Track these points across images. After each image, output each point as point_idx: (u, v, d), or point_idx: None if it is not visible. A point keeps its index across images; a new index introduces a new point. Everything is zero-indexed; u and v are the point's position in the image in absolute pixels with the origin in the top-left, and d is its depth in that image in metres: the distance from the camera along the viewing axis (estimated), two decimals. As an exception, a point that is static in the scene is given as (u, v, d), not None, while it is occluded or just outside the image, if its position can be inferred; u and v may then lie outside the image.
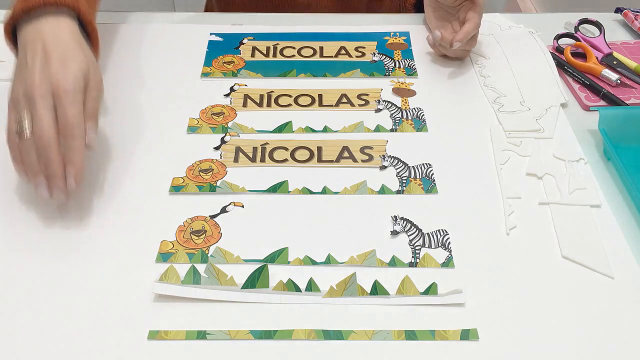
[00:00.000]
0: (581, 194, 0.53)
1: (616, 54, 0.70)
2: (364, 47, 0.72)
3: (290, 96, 0.64)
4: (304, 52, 0.71)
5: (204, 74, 0.67)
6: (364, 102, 0.64)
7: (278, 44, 0.73)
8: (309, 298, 0.45)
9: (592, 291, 0.46)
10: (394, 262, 0.47)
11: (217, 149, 0.57)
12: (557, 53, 0.72)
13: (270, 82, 0.66)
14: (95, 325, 0.43)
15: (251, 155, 0.57)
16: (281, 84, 0.66)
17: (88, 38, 0.56)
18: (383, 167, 0.56)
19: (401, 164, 0.56)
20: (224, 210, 0.51)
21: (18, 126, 0.47)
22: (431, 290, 0.45)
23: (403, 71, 0.69)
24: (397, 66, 0.69)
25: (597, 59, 0.69)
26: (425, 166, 0.56)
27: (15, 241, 0.48)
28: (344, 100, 0.64)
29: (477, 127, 0.61)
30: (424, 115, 0.62)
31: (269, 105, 0.63)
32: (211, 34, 0.74)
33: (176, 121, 0.60)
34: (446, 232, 0.50)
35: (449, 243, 0.49)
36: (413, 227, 0.50)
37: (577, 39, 0.73)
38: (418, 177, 0.55)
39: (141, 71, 0.67)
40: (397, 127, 0.61)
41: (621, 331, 0.43)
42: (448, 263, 0.47)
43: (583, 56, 0.70)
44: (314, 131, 0.60)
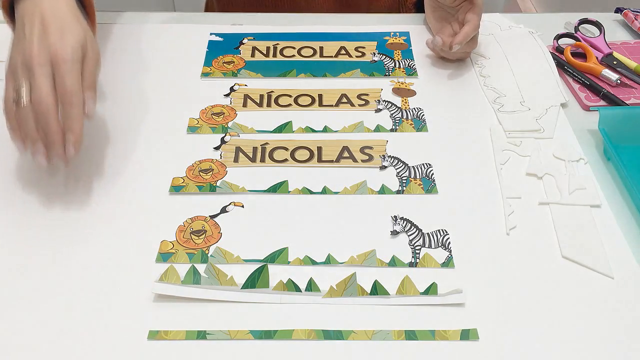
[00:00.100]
0: (581, 194, 0.53)
1: (616, 54, 0.70)
2: (364, 47, 0.72)
3: (290, 96, 0.64)
4: (304, 52, 0.71)
5: (204, 74, 0.67)
6: (364, 102, 0.64)
7: (278, 44, 0.73)
8: (309, 298, 0.45)
9: (592, 291, 0.46)
10: (394, 262, 0.47)
11: (217, 149, 0.57)
12: (557, 53, 0.72)
13: (270, 82, 0.66)
14: (96, 325, 0.43)
15: (251, 155, 0.57)
16: (281, 84, 0.66)
17: (85, 13, 0.56)
18: (383, 167, 0.56)
19: (401, 164, 0.56)
20: (224, 210, 0.51)
21: (16, 94, 0.47)
22: (431, 290, 0.45)
23: (403, 71, 0.69)
24: (397, 66, 0.69)
25: (597, 59, 0.69)
26: (425, 166, 0.56)
27: (15, 241, 0.48)
28: (344, 100, 0.64)
29: (477, 127, 0.61)
30: (424, 115, 0.62)
31: (269, 105, 0.63)
32: (211, 33, 0.74)
33: (176, 121, 0.61)
34: (446, 232, 0.50)
35: (449, 243, 0.49)
36: (413, 227, 0.50)
37: (577, 39, 0.73)
38: (418, 177, 0.55)
39: (141, 71, 0.67)
40: (397, 127, 0.61)
41: (621, 331, 0.43)
42: (448, 263, 0.47)
43: (583, 56, 0.70)
44: (314, 131, 0.60)
